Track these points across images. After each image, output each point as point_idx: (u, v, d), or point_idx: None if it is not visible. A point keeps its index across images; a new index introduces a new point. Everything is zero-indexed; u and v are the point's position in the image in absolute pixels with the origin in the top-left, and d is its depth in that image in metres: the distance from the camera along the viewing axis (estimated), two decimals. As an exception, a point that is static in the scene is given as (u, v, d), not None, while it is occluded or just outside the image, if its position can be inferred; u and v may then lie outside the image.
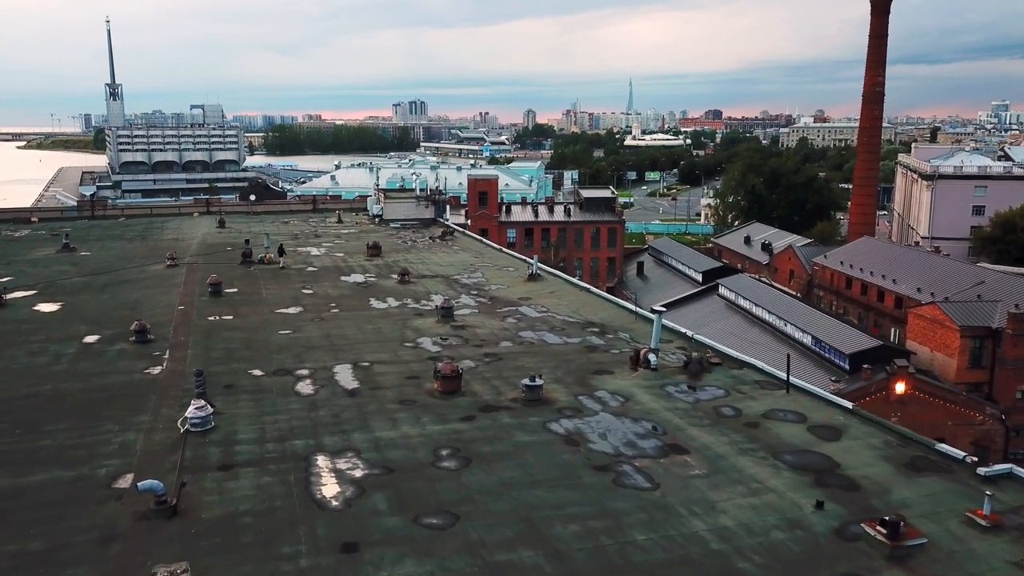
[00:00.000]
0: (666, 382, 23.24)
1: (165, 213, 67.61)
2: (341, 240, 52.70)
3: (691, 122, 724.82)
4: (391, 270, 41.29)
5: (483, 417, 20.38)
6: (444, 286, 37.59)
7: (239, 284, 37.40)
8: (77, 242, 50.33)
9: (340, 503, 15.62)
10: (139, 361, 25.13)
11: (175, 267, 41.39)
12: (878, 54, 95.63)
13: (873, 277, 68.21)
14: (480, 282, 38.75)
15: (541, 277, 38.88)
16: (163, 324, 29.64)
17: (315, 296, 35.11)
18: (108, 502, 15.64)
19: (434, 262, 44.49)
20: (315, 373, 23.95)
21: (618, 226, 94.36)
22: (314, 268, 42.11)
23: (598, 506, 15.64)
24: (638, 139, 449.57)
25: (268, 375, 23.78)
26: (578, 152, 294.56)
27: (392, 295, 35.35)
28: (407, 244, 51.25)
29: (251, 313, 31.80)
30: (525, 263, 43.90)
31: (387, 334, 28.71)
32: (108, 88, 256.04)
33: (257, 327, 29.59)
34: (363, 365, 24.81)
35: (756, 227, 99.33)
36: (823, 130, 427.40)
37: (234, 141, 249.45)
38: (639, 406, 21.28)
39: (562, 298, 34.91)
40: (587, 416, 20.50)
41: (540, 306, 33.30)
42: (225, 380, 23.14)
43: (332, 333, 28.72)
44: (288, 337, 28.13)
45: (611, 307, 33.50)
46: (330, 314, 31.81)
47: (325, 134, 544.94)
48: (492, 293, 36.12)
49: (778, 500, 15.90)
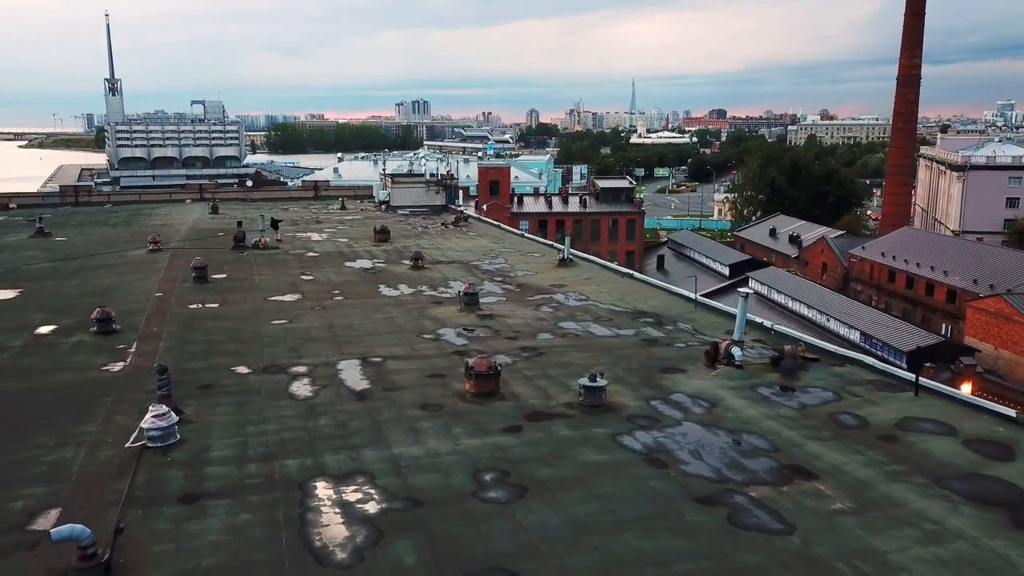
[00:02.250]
0: (755, 382, 18.49)
1: (155, 200, 63.01)
2: (345, 226, 48.03)
3: (695, 121, 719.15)
4: (402, 256, 36.60)
5: (533, 427, 15.65)
6: (463, 272, 32.87)
7: (229, 269, 32.73)
8: (55, 228, 45.80)
9: (348, 554, 10.89)
10: (97, 356, 20.42)
11: (158, 252, 36.76)
12: (914, 34, 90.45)
13: (920, 269, 63.27)
14: (503, 268, 34.03)
15: (574, 263, 34.13)
16: (135, 312, 24.96)
17: (316, 283, 30.41)
18: (15, 552, 10.92)
19: (449, 248, 39.78)
20: (315, 370, 19.25)
21: (637, 217, 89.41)
22: (315, 253, 37.43)
23: (718, 560, 10.90)
24: (644, 137, 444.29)
25: (256, 373, 19.07)
26: (585, 148, 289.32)
27: (405, 281, 30.65)
28: (418, 230, 46.57)
29: (240, 301, 27.10)
30: (553, 248, 39.19)
31: (401, 324, 24.00)
32: (107, 83, 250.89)
33: (246, 316, 24.88)
34: (374, 361, 20.10)
35: (781, 219, 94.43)
36: (831, 128, 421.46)
37: (235, 137, 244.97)
38: (731, 413, 16.52)
39: (602, 285, 30.17)
40: (667, 427, 15.76)
41: (578, 293, 28.56)
42: (201, 379, 18.44)
43: (336, 323, 24.02)
44: (283, 328, 23.42)
45: (662, 294, 28.76)
46: (333, 302, 27.11)
47: (328, 133, 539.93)
48: (519, 280, 31.39)
49: (974, 551, 11.13)
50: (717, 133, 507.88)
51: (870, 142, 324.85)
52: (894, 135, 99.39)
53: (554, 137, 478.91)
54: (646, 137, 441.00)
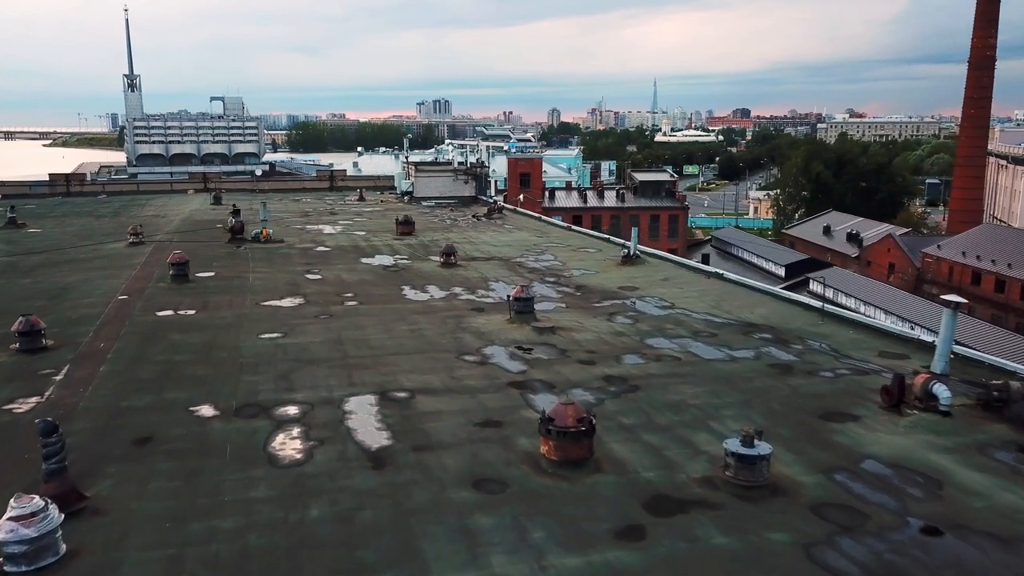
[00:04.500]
0: (979, 438, 12.11)
1: (153, 190, 57.52)
2: (363, 218, 42.05)
3: (718, 121, 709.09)
4: (429, 251, 30.49)
5: (662, 529, 9.37)
6: (506, 271, 26.67)
7: (219, 266, 26.80)
8: (34, 219, 40.37)
9: None
10: (5, 386, 14.45)
11: (139, 245, 30.93)
12: (988, 12, 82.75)
13: (1012, 270, 56.23)
14: (554, 266, 27.79)
15: (642, 260, 27.79)
16: (84, 321, 19.02)
17: (323, 283, 24.35)
18: None
19: (484, 242, 33.61)
20: (311, 412, 13.14)
21: (680, 213, 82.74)
22: (326, 248, 31.42)
23: None
24: (669, 135, 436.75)
25: (224, 416, 12.99)
26: (610, 145, 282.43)
27: (435, 282, 24.49)
28: (446, 223, 40.47)
29: (224, 305, 21.07)
30: (609, 243, 32.91)
31: (433, 340, 17.85)
32: (126, 79, 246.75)
33: (228, 327, 18.83)
34: (397, 396, 13.97)
35: (834, 216, 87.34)
36: (862, 126, 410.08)
37: (254, 134, 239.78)
38: (982, 502, 10.17)
39: (685, 287, 23.83)
40: (889, 529, 9.43)
41: (658, 298, 22.25)
42: (141, 426, 12.38)
43: (345, 337, 17.91)
44: (274, 345, 17.33)
45: (769, 300, 22.31)
46: (343, 309, 21.02)
47: (348, 131, 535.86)
48: (577, 280, 25.12)
49: None
50: (742, 132, 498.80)
51: (904, 140, 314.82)
52: (964, 123, 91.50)
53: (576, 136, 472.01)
54: (671, 135, 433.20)
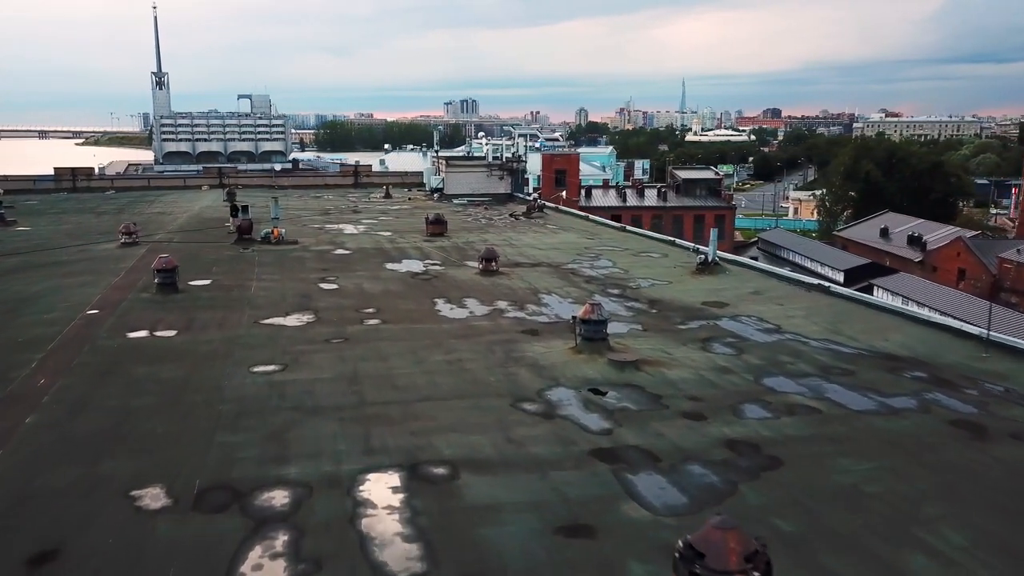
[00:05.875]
0: None
1: (165, 186, 54.00)
2: (389, 216, 37.88)
3: (748, 121, 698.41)
4: (465, 255, 26.17)
5: None
6: (557, 280, 22.23)
7: (219, 271, 22.70)
8: (29, 216, 36.81)
9: None
10: None
11: (132, 246, 26.96)
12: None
13: (1111, 278, 50.79)
14: (615, 274, 23.29)
15: (721, 268, 23.18)
16: (32, 346, 14.91)
17: (340, 294, 20.09)
18: None
19: (528, 244, 29.20)
20: (307, 504, 8.80)
21: (727, 213, 77.80)
22: (345, 251, 27.22)
23: None
24: (700, 135, 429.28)
25: (179, 510, 8.68)
26: (641, 144, 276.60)
27: (474, 294, 20.13)
28: (481, 222, 36.16)
29: (214, 324, 16.86)
30: (675, 247, 28.34)
31: (478, 377, 13.46)
32: (154, 77, 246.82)
33: (213, 355, 14.60)
34: (433, 474, 9.60)
35: (891, 217, 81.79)
36: (899, 125, 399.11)
37: (281, 132, 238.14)
38: None
39: (786, 304, 19.21)
40: None
41: (756, 318, 17.67)
42: (45, 528, 8.12)
43: (363, 372, 13.59)
44: (268, 383, 13.04)
45: (902, 322, 17.56)
46: (362, 329, 16.70)
47: (376, 130, 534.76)
48: (648, 293, 20.60)
49: None
50: (773, 132, 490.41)
51: (946, 140, 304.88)
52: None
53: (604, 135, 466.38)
54: (702, 135, 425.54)
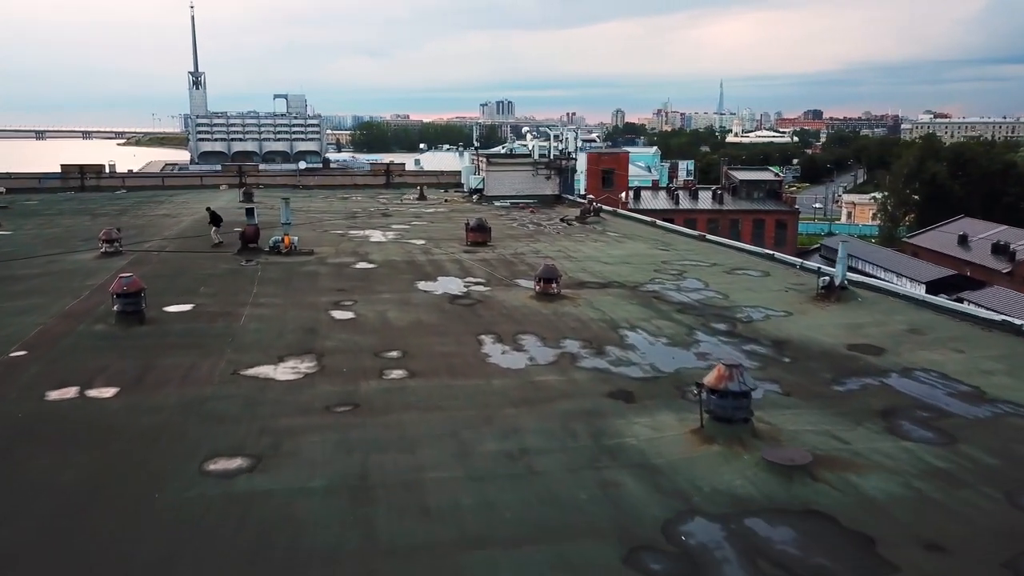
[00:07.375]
0: None
1: (180, 185, 49.97)
2: (422, 221, 33.12)
3: (788, 122, 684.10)
4: (514, 270, 21.21)
5: None
6: (639, 308, 17.10)
7: (209, 291, 18.04)
8: (18, 217, 32.82)
9: None
10: None
11: (112, 256, 22.48)
12: None
13: None
14: (713, 300, 18.08)
15: (852, 293, 17.83)
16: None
17: (355, 327, 15.22)
18: None
19: (589, 257, 24.11)
20: None
21: (790, 217, 71.69)
22: (369, 264, 22.40)
23: None
24: (741, 136, 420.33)
25: None
26: (683, 145, 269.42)
27: (532, 328, 15.13)
28: (528, 229, 31.18)
29: (177, 377, 12.05)
30: (774, 261, 23.01)
31: (556, 488, 8.40)
32: (191, 76, 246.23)
33: (157, 433, 9.78)
34: None
35: (969, 223, 75.05)
36: (950, 126, 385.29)
37: (316, 131, 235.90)
38: None
39: (972, 351, 13.81)
40: None
41: (937, 374, 12.40)
42: None
43: (376, 476, 8.63)
44: (224, 496, 8.15)
45: None
46: (380, 388, 11.75)
47: (412, 131, 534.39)
48: (765, 329, 15.39)
49: None
50: (815, 133, 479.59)
51: (1004, 141, 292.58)
52: None
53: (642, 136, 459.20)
54: (744, 136, 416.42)
